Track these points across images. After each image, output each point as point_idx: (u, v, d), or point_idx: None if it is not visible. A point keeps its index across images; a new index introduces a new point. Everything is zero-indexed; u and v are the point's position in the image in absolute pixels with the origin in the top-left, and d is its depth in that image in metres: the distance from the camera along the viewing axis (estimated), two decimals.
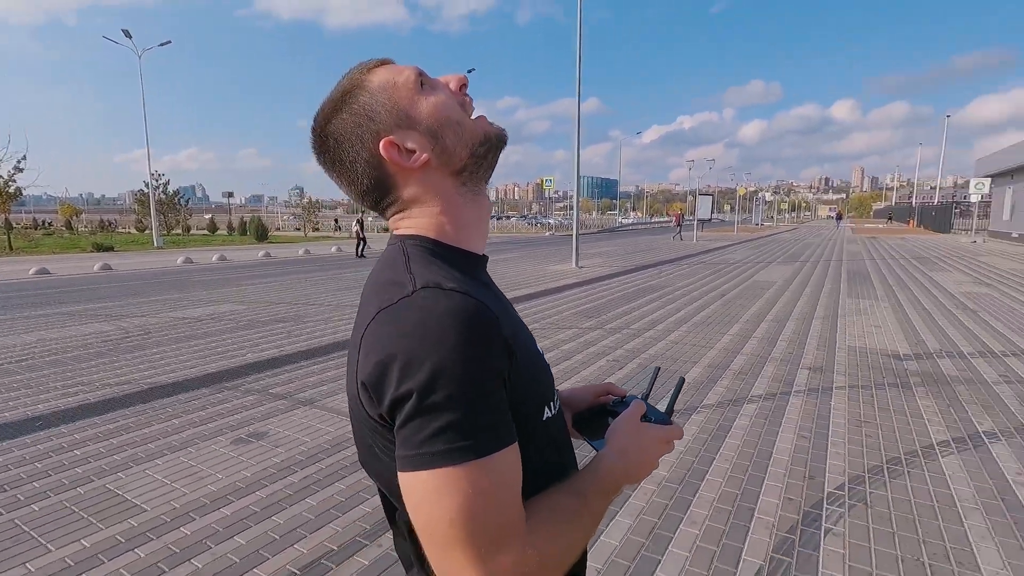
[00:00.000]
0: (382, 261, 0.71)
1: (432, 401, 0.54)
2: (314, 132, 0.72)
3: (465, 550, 0.54)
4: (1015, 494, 2.95)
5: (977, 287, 10.88)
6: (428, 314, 0.56)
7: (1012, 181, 26.50)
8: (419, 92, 0.69)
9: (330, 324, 7.52)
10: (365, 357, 0.58)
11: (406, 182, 0.70)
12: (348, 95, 0.69)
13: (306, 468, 3.27)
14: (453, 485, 0.54)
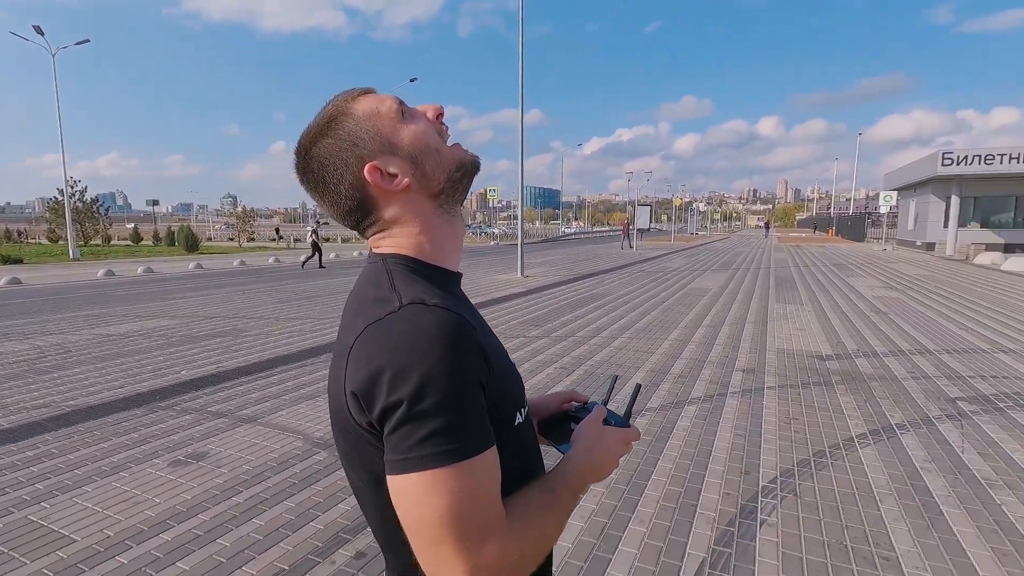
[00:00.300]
0: (364, 278, 0.75)
1: (420, 408, 0.58)
2: (298, 154, 0.75)
3: (453, 545, 0.58)
4: (923, 479, 3.26)
5: (888, 291, 11.85)
6: (414, 328, 0.61)
7: (915, 194, 29.06)
8: (400, 120, 0.74)
9: (271, 338, 7.27)
10: (355, 369, 0.63)
11: (387, 204, 0.74)
12: (333, 121, 0.73)
13: (252, 487, 3.16)
14: (441, 485, 0.58)
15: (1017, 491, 3.12)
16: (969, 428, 4.05)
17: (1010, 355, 6.24)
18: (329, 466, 3.44)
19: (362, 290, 0.73)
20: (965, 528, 2.74)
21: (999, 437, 3.88)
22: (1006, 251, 21.29)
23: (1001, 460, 3.52)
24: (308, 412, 4.41)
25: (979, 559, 2.49)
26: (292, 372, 5.59)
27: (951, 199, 23.85)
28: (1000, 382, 5.20)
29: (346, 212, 0.75)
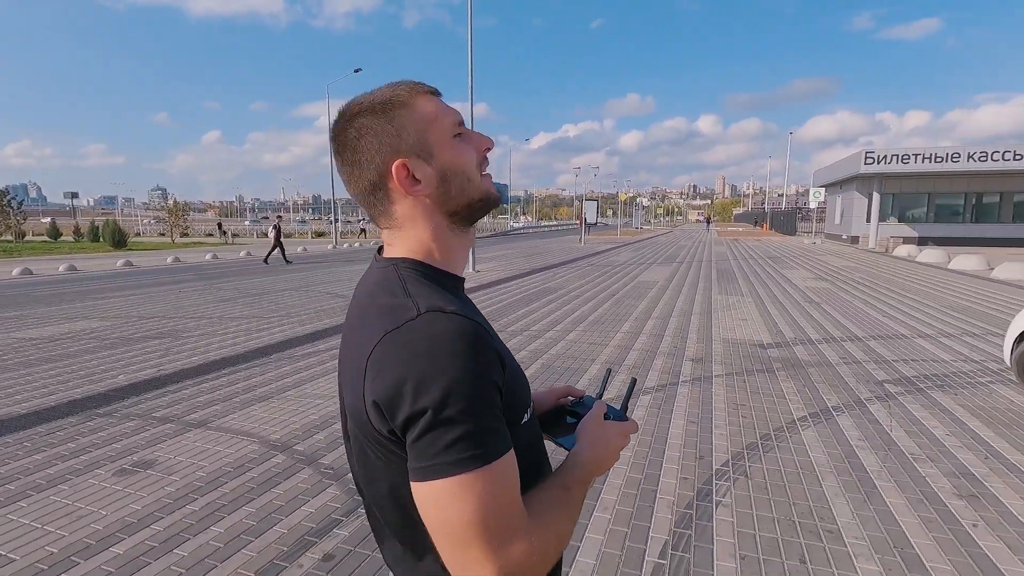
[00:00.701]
0: (375, 283, 0.75)
1: (445, 416, 0.60)
2: (342, 116, 0.75)
3: (481, 546, 0.60)
4: (858, 457, 3.52)
5: (818, 282, 12.61)
6: (435, 336, 0.62)
7: (841, 191, 30.99)
8: (451, 137, 0.75)
9: (215, 338, 6.95)
10: (376, 378, 0.63)
11: (402, 202, 0.75)
12: (389, 104, 0.73)
13: (208, 494, 3.04)
14: (468, 490, 0.60)
15: (938, 464, 3.43)
16: (895, 408, 4.40)
17: (927, 340, 6.81)
18: (289, 468, 3.35)
19: (373, 295, 0.73)
20: (896, 499, 3.00)
21: (921, 415, 4.24)
22: (920, 244, 23.09)
23: (924, 436, 3.85)
24: (262, 414, 4.27)
25: (909, 527, 2.73)
26: (241, 374, 5.39)
27: (872, 195, 25.60)
28: (920, 365, 5.67)
29: (361, 191, 0.76)
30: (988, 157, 22.81)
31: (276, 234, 17.78)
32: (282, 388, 4.92)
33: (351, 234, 46.40)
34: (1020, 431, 3.94)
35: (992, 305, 9.46)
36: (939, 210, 26.63)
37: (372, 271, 0.79)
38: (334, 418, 4.18)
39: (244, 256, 21.47)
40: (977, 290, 11.37)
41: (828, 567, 2.43)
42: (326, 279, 13.64)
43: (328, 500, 2.98)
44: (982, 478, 3.24)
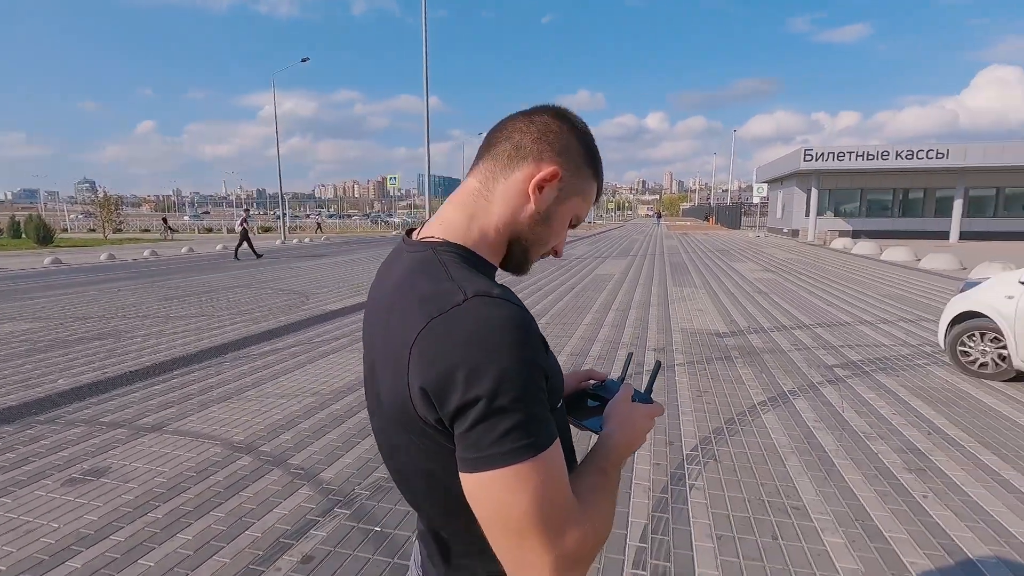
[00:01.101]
0: (412, 266, 0.72)
1: (499, 404, 0.58)
2: (540, 110, 0.79)
3: (538, 536, 0.59)
4: (816, 437, 3.71)
5: (765, 273, 13.18)
6: (485, 323, 0.60)
7: (781, 187, 32.47)
8: (580, 206, 0.81)
9: (163, 338, 6.60)
10: (424, 364, 0.61)
11: (514, 185, 0.76)
12: (588, 148, 0.79)
13: (170, 501, 2.89)
14: (524, 480, 0.59)
15: (888, 441, 3.65)
16: (845, 390, 4.66)
17: (868, 326, 7.24)
18: (257, 470, 3.22)
19: (413, 279, 0.70)
20: (854, 475, 3.18)
21: (869, 396, 4.51)
22: (854, 237, 24.49)
23: (872, 416, 4.09)
24: (222, 416, 4.09)
25: (867, 500, 2.90)
26: (194, 375, 5.13)
27: (811, 191, 26.95)
28: (864, 350, 6.02)
29: (492, 170, 0.77)
30: (913, 156, 24.40)
31: (244, 229, 17.81)
32: (241, 388, 4.73)
33: (300, 229, 44.99)
34: (956, 408, 4.26)
35: (922, 293, 10.16)
36: (870, 205, 28.32)
37: (403, 254, 0.77)
38: (299, 417, 4.05)
39: (220, 249, 20.44)
40: (907, 279, 12.17)
41: (798, 542, 2.54)
42: (277, 275, 13.17)
43: (302, 501, 2.89)
44: (927, 453, 3.48)
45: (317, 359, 5.63)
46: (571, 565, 0.61)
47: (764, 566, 2.37)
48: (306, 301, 9.30)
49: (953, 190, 25.58)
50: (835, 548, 2.50)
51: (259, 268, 14.90)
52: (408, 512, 2.77)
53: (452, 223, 0.76)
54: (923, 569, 2.35)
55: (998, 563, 2.39)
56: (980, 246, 21.90)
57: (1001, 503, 2.88)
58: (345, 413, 4.14)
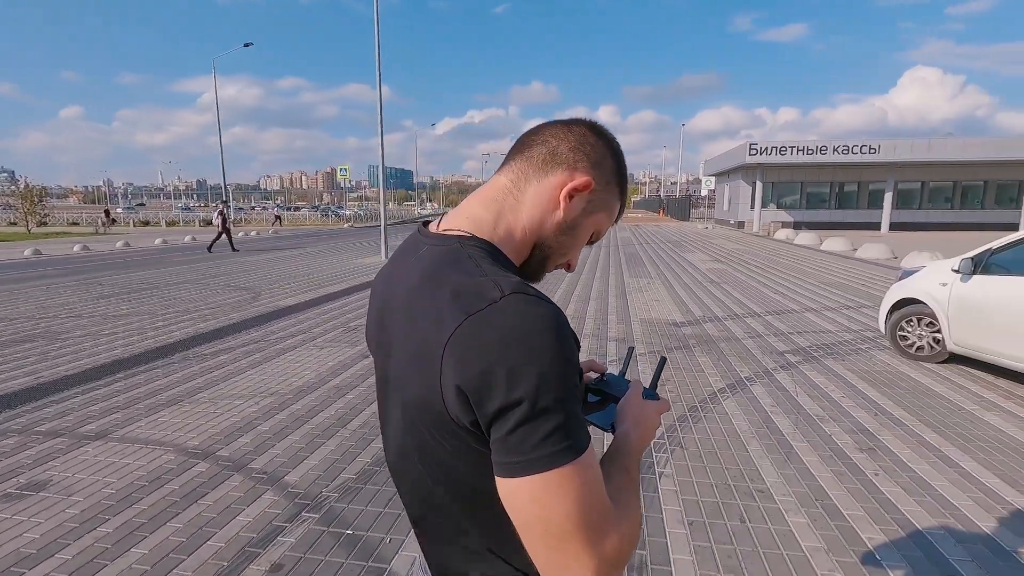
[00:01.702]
0: (436, 259, 0.69)
1: (541, 407, 0.56)
2: (577, 121, 0.78)
3: (580, 541, 0.58)
4: (774, 421, 3.86)
5: (716, 264, 13.63)
6: (524, 321, 0.58)
7: (728, 180, 33.62)
8: (604, 221, 0.80)
9: (103, 339, 6.19)
10: (461, 364, 0.58)
11: (547, 191, 0.75)
12: (619, 162, 0.79)
13: (121, 514, 2.71)
14: (567, 483, 0.57)
15: (839, 423, 3.84)
16: (798, 376, 4.87)
17: (814, 313, 7.60)
18: (215, 477, 3.07)
19: (439, 272, 0.67)
20: (811, 457, 3.32)
21: (819, 381, 4.73)
22: (795, 228, 25.66)
23: (824, 399, 4.30)
24: (174, 420, 3.87)
25: (825, 480, 3.04)
26: (140, 377, 4.84)
27: (756, 184, 28.02)
28: (812, 336, 6.31)
29: (525, 171, 0.76)
30: (849, 151, 25.75)
31: (222, 221, 17.35)
32: (192, 390, 4.49)
33: (246, 222, 43.22)
34: (899, 389, 4.52)
35: (860, 281, 10.75)
36: (810, 197, 29.71)
37: (423, 247, 0.73)
38: (258, 419, 3.88)
39: (189, 241, 19.26)
40: (846, 268, 12.85)
41: (765, 523, 2.64)
42: (224, 270, 12.61)
43: (266, 507, 2.77)
44: (875, 432, 3.68)
45: (273, 358, 5.42)
46: (611, 568, 0.59)
47: (735, 548, 2.45)
48: (257, 297, 8.94)
49: (884, 183, 27.17)
50: (799, 528, 2.60)
51: (207, 263, 14.21)
52: (381, 513, 2.70)
53: (479, 218, 0.73)
54: (879, 543, 2.49)
55: (945, 534, 2.56)
56: (909, 236, 23.38)
57: (944, 478, 3.08)
58: (307, 413, 4.00)
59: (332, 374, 4.91)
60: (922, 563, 2.35)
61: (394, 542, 2.47)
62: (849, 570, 2.30)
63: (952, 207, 28.62)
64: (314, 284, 10.35)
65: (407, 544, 2.46)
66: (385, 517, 2.67)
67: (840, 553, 2.41)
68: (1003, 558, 2.38)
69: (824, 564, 2.34)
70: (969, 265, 4.82)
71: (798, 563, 2.35)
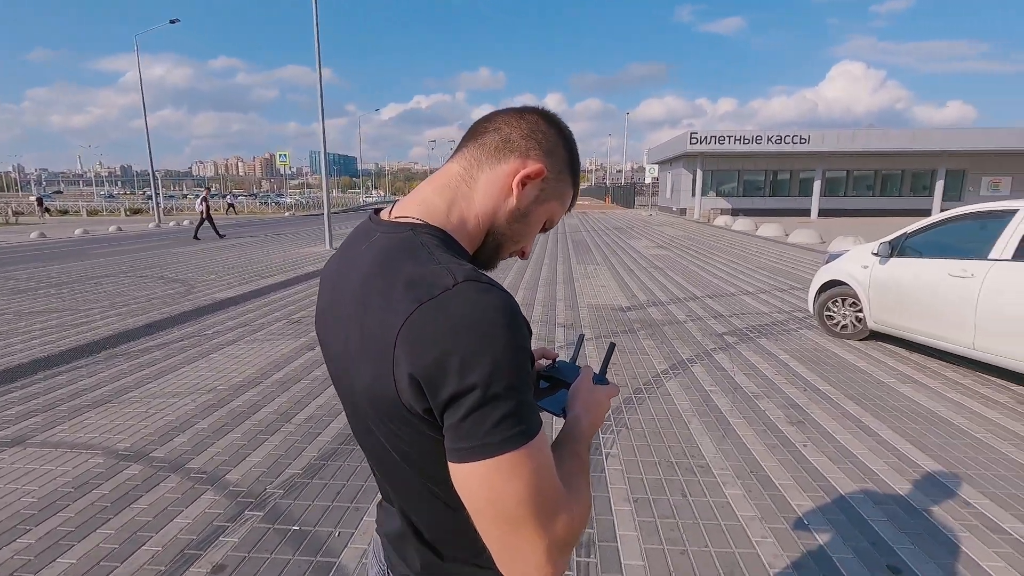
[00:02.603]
0: (388, 248, 0.68)
1: (493, 392, 0.57)
2: (528, 109, 0.78)
3: (532, 524, 0.59)
4: (713, 400, 4.04)
5: (659, 250, 14.04)
6: (476, 308, 0.58)
7: (671, 168, 34.57)
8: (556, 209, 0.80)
9: (16, 337, 5.73)
10: (413, 352, 0.58)
11: (500, 178, 0.74)
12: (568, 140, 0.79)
13: (44, 523, 2.54)
14: (519, 467, 0.58)
15: (772, 399, 4.07)
16: (735, 355, 5.12)
17: (750, 296, 7.97)
18: (149, 479, 2.92)
19: (390, 261, 0.66)
20: (747, 432, 3.51)
21: (754, 360, 4.99)
22: (733, 215, 26.74)
23: (759, 377, 4.54)
24: (100, 422, 3.65)
25: (759, 454, 3.22)
26: (62, 378, 4.53)
27: (696, 172, 28.97)
28: (748, 318, 6.63)
29: (478, 158, 0.75)
30: (781, 141, 27.01)
31: (206, 208, 17.66)
32: (121, 389, 4.24)
33: (178, 211, 40.89)
34: (826, 367, 4.83)
35: (791, 264, 11.35)
36: (746, 185, 31.01)
37: (374, 234, 0.72)
38: (195, 417, 3.72)
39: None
40: (779, 252, 13.53)
41: (704, 496, 2.77)
42: (154, 262, 11.91)
43: (206, 507, 2.66)
44: (804, 407, 3.93)
45: (210, 352, 5.19)
46: (561, 550, 0.61)
47: (676, 522, 2.56)
48: (191, 290, 8.51)
49: (814, 172, 28.70)
50: (735, 499, 2.75)
51: (135, 254, 13.37)
52: (329, 507, 2.65)
53: (432, 205, 0.73)
54: (807, 509, 2.66)
55: (864, 497, 2.77)
56: (835, 222, 24.85)
57: (864, 446, 3.33)
58: (248, 409, 3.86)
59: (275, 368, 4.75)
60: (844, 526, 2.53)
61: (343, 535, 2.44)
62: (780, 536, 2.45)
63: (873, 194, 30.60)
64: (254, 275, 9.95)
65: (356, 537, 2.43)
66: (333, 511, 2.62)
67: (772, 520, 2.57)
68: (915, 516, 2.60)
69: (758, 532, 2.48)
70: (887, 248, 5.18)
71: (734, 532, 2.48)
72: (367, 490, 2.81)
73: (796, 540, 2.42)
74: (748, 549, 2.36)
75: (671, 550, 2.36)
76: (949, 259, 4.58)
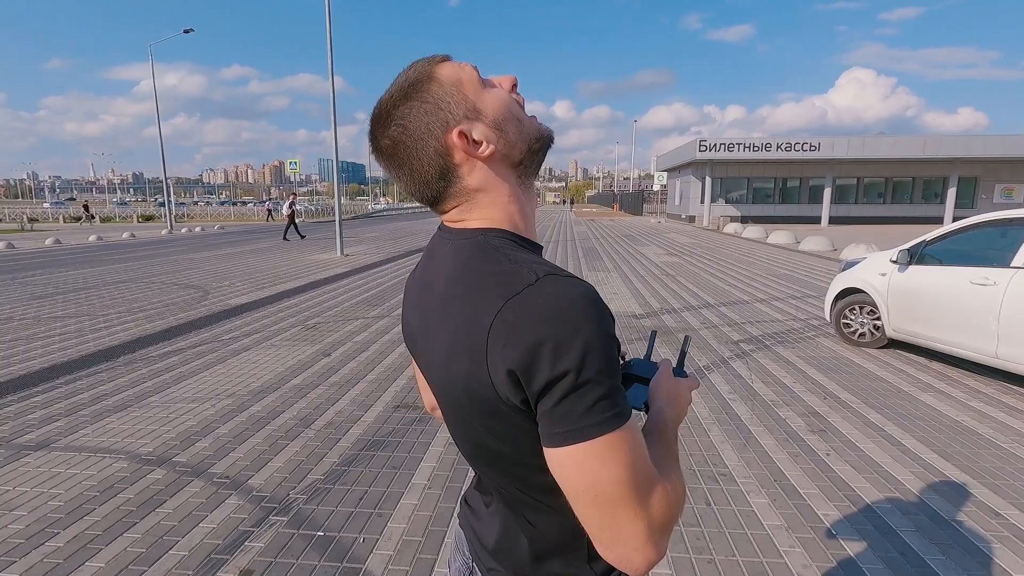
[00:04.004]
0: (463, 254, 0.71)
1: (586, 377, 0.59)
2: (378, 119, 0.72)
3: (630, 504, 0.61)
4: (732, 408, 4.01)
5: (670, 257, 14.00)
6: (562, 299, 0.61)
7: (679, 175, 34.55)
8: (483, 87, 0.72)
9: (36, 343, 5.80)
10: (507, 346, 0.60)
11: (471, 172, 0.72)
12: (418, 84, 0.70)
13: (71, 527, 2.56)
14: (615, 449, 0.60)
15: (793, 407, 4.04)
16: (752, 363, 5.08)
17: (763, 303, 7.93)
18: (173, 484, 2.94)
19: (468, 266, 0.69)
20: (768, 440, 3.48)
21: (772, 367, 4.95)
22: (743, 222, 26.64)
23: (777, 384, 4.50)
24: (122, 426, 3.68)
25: (782, 462, 3.19)
26: (82, 382, 4.57)
27: (705, 179, 28.90)
28: (763, 325, 6.59)
29: (426, 181, 0.72)
30: (791, 148, 26.91)
31: (291, 213, 19.07)
32: (141, 394, 4.27)
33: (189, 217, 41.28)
34: (844, 374, 4.79)
35: (804, 272, 11.28)
36: (755, 192, 30.91)
37: (447, 243, 0.75)
38: (216, 422, 3.74)
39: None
40: (791, 260, 13.46)
41: (728, 505, 2.75)
42: (168, 268, 12.02)
43: (231, 512, 2.67)
44: (825, 415, 3.89)
45: (228, 358, 5.22)
46: (660, 532, 0.62)
47: (702, 531, 2.54)
48: (206, 296, 8.57)
49: (824, 179, 28.55)
50: (760, 508, 2.72)
51: (151, 260, 13.50)
52: (353, 512, 2.65)
53: (489, 208, 0.74)
54: (834, 519, 2.63)
55: (892, 507, 2.73)
56: (846, 229, 24.69)
57: (888, 455, 3.29)
58: (268, 415, 3.87)
59: (292, 374, 4.77)
60: (873, 536, 2.50)
61: (368, 542, 2.44)
62: (808, 546, 2.43)
63: (884, 202, 30.41)
64: (267, 281, 10.01)
65: (381, 543, 2.43)
66: (357, 517, 2.63)
67: (799, 530, 2.54)
68: (944, 527, 2.57)
69: (785, 541, 2.46)
70: (905, 256, 5.14)
71: (761, 541, 2.46)
72: (389, 496, 2.81)
73: (824, 550, 2.39)
74: (776, 559, 2.34)
75: (698, 559, 2.34)
76: (970, 267, 4.54)
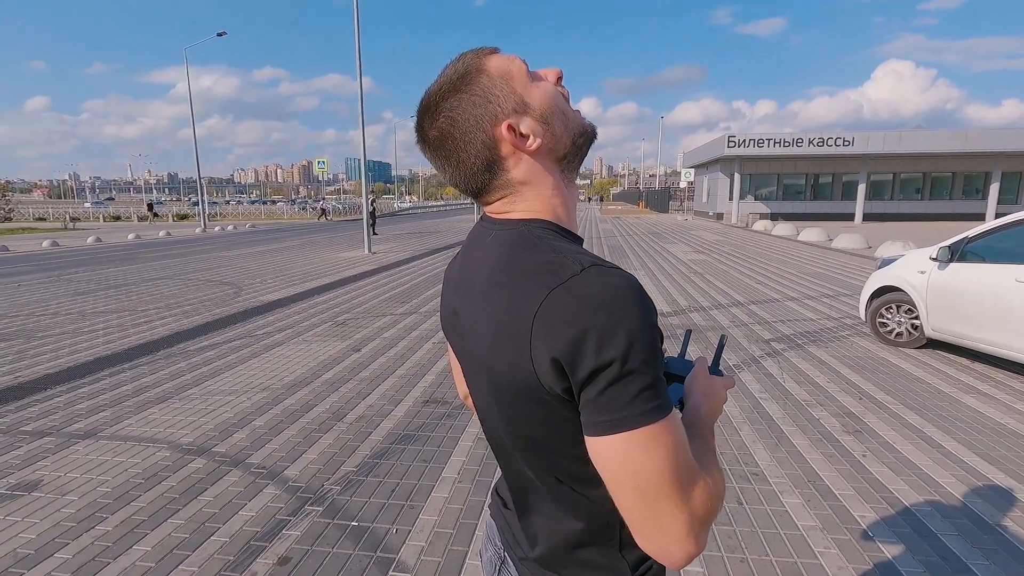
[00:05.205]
0: (507, 244, 0.71)
1: (630, 367, 0.59)
2: (426, 110, 0.73)
3: (672, 495, 0.61)
4: (764, 407, 3.95)
5: (697, 255, 13.81)
6: (606, 289, 0.61)
7: (707, 172, 34.00)
8: (531, 81, 0.73)
9: (82, 336, 6.04)
10: (552, 334, 0.61)
11: (517, 165, 0.73)
12: (467, 77, 0.71)
13: (119, 512, 2.67)
14: (658, 440, 0.60)
15: (827, 407, 3.96)
16: (784, 362, 4.99)
17: (795, 302, 7.77)
18: (213, 473, 3.04)
19: (513, 255, 0.69)
20: (801, 440, 3.42)
21: (804, 367, 4.86)
22: (772, 219, 26.10)
23: (810, 384, 4.41)
24: (164, 417, 3.81)
25: (815, 462, 3.14)
26: (126, 375, 4.75)
27: (734, 176, 28.40)
28: (794, 324, 6.46)
29: (472, 173, 0.73)
30: (823, 143, 26.23)
31: (372, 211, 18.81)
32: (181, 387, 4.42)
33: (221, 216, 42.35)
34: (880, 374, 4.67)
35: (836, 270, 11.01)
36: (786, 189, 30.24)
37: (491, 233, 0.76)
38: (252, 415, 3.84)
39: (164, 235, 18.71)
40: (823, 258, 13.14)
41: (761, 504, 2.72)
42: (202, 265, 12.37)
43: (268, 501, 2.75)
44: (860, 416, 3.80)
45: (262, 352, 5.36)
46: (701, 524, 0.62)
47: (734, 530, 2.52)
48: (239, 292, 8.80)
49: (857, 175, 27.77)
50: (794, 508, 2.68)
51: (185, 258, 13.91)
52: (386, 504, 2.71)
53: (533, 200, 0.75)
54: (871, 521, 2.58)
55: (931, 510, 2.66)
56: (881, 226, 23.98)
57: (928, 457, 3.20)
58: (302, 408, 3.97)
59: (324, 368, 4.87)
60: (912, 538, 2.44)
61: (401, 532, 2.49)
62: (844, 547, 2.39)
63: (922, 198, 29.40)
64: (296, 279, 10.22)
65: (413, 535, 2.47)
66: (390, 508, 2.68)
67: (834, 531, 2.50)
68: (986, 531, 2.49)
69: (820, 542, 2.42)
70: (946, 253, 4.98)
71: (795, 541, 2.42)
72: (420, 489, 2.85)
73: (861, 552, 2.35)
74: (811, 560, 2.30)
75: (730, 558, 2.32)
76: (1016, 264, 4.37)
